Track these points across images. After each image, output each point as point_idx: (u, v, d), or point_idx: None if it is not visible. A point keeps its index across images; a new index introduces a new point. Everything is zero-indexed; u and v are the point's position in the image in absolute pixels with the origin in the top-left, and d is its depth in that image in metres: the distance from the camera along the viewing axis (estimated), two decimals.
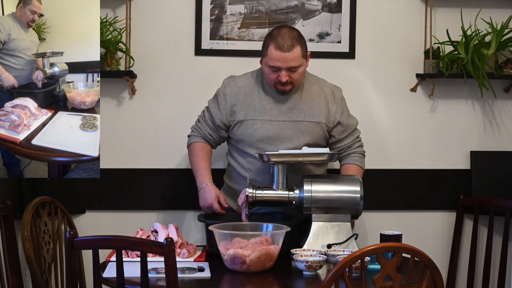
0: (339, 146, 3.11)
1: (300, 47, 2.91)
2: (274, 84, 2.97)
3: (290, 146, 3.00)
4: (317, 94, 3.06)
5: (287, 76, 2.91)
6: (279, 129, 3.01)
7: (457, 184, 3.65)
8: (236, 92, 3.06)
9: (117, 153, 3.52)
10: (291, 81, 2.94)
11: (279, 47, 2.88)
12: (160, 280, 2.42)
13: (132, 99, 3.53)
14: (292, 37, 2.90)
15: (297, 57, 2.90)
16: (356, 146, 3.13)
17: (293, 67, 2.91)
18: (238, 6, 3.53)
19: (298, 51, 2.90)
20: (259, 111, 3.02)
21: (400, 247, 2.16)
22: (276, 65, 2.90)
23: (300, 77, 2.97)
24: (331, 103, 3.06)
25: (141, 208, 3.55)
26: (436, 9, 3.61)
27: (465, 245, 3.63)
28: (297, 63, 2.90)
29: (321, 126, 3.04)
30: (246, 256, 2.51)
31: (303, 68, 2.95)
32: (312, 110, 3.03)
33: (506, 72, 3.55)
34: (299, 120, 3.02)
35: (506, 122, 3.68)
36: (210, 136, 3.11)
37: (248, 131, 3.03)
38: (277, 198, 2.88)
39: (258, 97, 3.04)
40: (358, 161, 3.10)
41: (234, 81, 3.10)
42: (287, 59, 2.88)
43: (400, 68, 3.62)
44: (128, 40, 3.46)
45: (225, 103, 3.06)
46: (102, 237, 2.30)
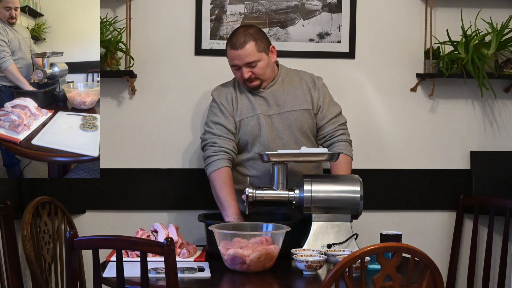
0: (322, 133, 3.13)
1: (254, 42, 3.00)
2: (243, 82, 3.06)
3: (285, 137, 3.05)
4: (299, 84, 3.14)
5: (249, 72, 3.02)
6: (271, 122, 3.06)
7: (457, 184, 3.65)
8: (229, 98, 3.12)
9: (117, 153, 3.52)
10: (256, 76, 3.03)
11: (233, 46, 3.01)
12: (160, 280, 2.42)
13: (132, 99, 3.53)
14: (245, 34, 3.01)
15: (251, 52, 2.99)
16: (339, 133, 3.12)
17: (250, 62, 3.00)
18: (238, 6, 3.53)
19: (251, 47, 2.99)
20: (250, 108, 3.08)
21: (400, 247, 2.16)
22: (235, 63, 3.03)
23: (264, 71, 3.04)
24: (313, 89, 3.13)
25: (141, 208, 3.55)
26: (436, 9, 3.61)
27: (465, 245, 3.63)
28: (252, 58, 3.00)
29: (309, 112, 3.10)
30: (246, 256, 2.51)
31: (263, 62, 3.03)
32: (297, 99, 3.10)
33: (506, 72, 3.55)
34: (287, 110, 3.08)
35: (506, 122, 3.68)
36: (234, 149, 3.09)
37: (247, 129, 3.07)
38: (277, 198, 2.89)
39: (246, 97, 3.11)
40: (344, 149, 3.09)
41: (221, 90, 3.17)
42: (241, 56, 2.99)
43: (400, 68, 3.62)
44: (128, 40, 3.46)
45: (225, 109, 3.10)
46: (102, 237, 2.30)
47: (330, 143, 3.12)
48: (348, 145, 3.13)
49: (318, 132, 3.14)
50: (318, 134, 3.14)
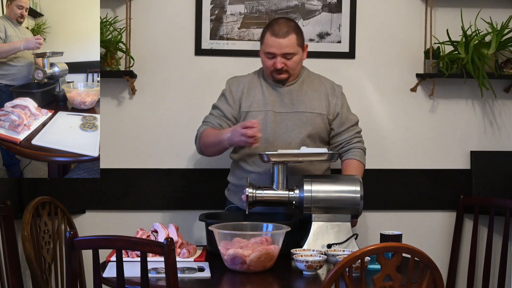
0: (338, 140, 3.13)
1: (295, 35, 3.01)
2: (270, 72, 3.05)
3: (293, 136, 3.04)
4: (318, 88, 3.13)
5: (282, 64, 3.00)
6: (281, 119, 3.06)
7: (457, 184, 3.65)
8: (240, 88, 3.12)
9: (117, 153, 3.52)
10: (287, 69, 3.03)
11: (275, 33, 2.99)
12: (160, 280, 2.42)
13: (132, 99, 3.53)
14: (288, 26, 3.01)
15: (292, 44, 2.99)
16: (356, 141, 3.14)
17: (288, 54, 3.00)
18: (238, 6, 3.53)
19: (293, 39, 2.99)
20: (262, 103, 3.08)
21: (400, 247, 2.16)
22: (271, 51, 3.00)
23: (296, 66, 3.05)
24: (331, 96, 3.13)
25: (141, 208, 3.55)
26: (436, 9, 3.61)
27: (465, 245, 3.63)
28: (291, 50, 3.00)
29: (322, 117, 3.09)
30: (246, 256, 2.51)
31: (298, 57, 3.03)
32: (313, 102, 3.09)
33: (506, 72, 3.55)
34: (301, 111, 3.07)
35: (506, 122, 3.68)
36: (220, 126, 3.09)
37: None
38: (277, 198, 2.88)
39: (260, 91, 3.10)
40: (359, 156, 3.11)
41: (237, 79, 3.18)
42: (281, 45, 2.98)
43: (400, 68, 3.62)
44: (128, 40, 3.46)
45: (232, 97, 3.11)
46: (102, 237, 2.30)
47: (345, 150, 3.13)
48: (363, 153, 3.15)
49: (333, 139, 3.14)
50: (334, 141, 3.14)
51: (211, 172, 3.55)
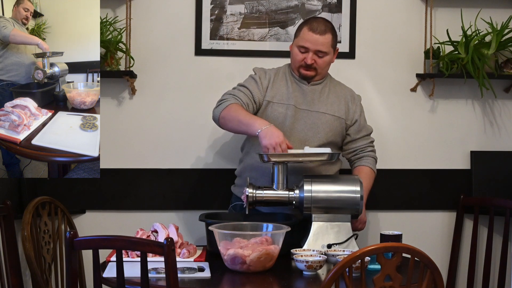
0: (353, 147, 3.15)
1: (332, 36, 3.04)
2: (299, 67, 3.06)
3: (310, 135, 3.05)
4: (339, 93, 3.15)
5: (313, 60, 3.02)
6: (301, 116, 3.06)
7: (457, 184, 3.65)
8: (267, 77, 3.12)
9: (117, 153, 3.52)
10: (316, 66, 3.04)
11: (313, 29, 3.01)
12: (160, 280, 2.42)
13: (132, 99, 3.53)
14: (326, 25, 3.05)
15: (327, 42, 3.02)
16: (369, 150, 3.17)
17: (320, 52, 3.02)
18: (238, 6, 3.53)
19: (329, 38, 3.03)
20: (285, 96, 3.08)
21: (400, 247, 2.16)
22: (306, 46, 3.01)
23: (325, 65, 3.07)
24: (351, 102, 3.15)
25: (141, 208, 3.55)
26: (436, 9, 3.61)
27: (465, 245, 3.63)
28: (325, 48, 3.02)
29: (340, 121, 3.10)
30: (246, 256, 2.51)
31: (329, 57, 3.06)
32: (334, 105, 3.11)
33: (506, 72, 3.55)
34: (321, 111, 3.08)
35: (506, 122, 3.68)
36: (247, 106, 3.03)
37: (273, 113, 3.06)
38: (277, 198, 2.88)
39: (285, 84, 3.11)
40: (371, 164, 3.15)
41: (263, 69, 3.18)
42: (317, 41, 3.00)
43: (400, 68, 3.62)
44: (128, 40, 3.46)
45: (261, 82, 3.09)
46: (102, 237, 2.30)
47: (359, 157, 3.16)
48: (375, 162, 3.18)
49: (348, 145, 3.16)
50: (349, 147, 3.16)
51: (211, 172, 3.55)
